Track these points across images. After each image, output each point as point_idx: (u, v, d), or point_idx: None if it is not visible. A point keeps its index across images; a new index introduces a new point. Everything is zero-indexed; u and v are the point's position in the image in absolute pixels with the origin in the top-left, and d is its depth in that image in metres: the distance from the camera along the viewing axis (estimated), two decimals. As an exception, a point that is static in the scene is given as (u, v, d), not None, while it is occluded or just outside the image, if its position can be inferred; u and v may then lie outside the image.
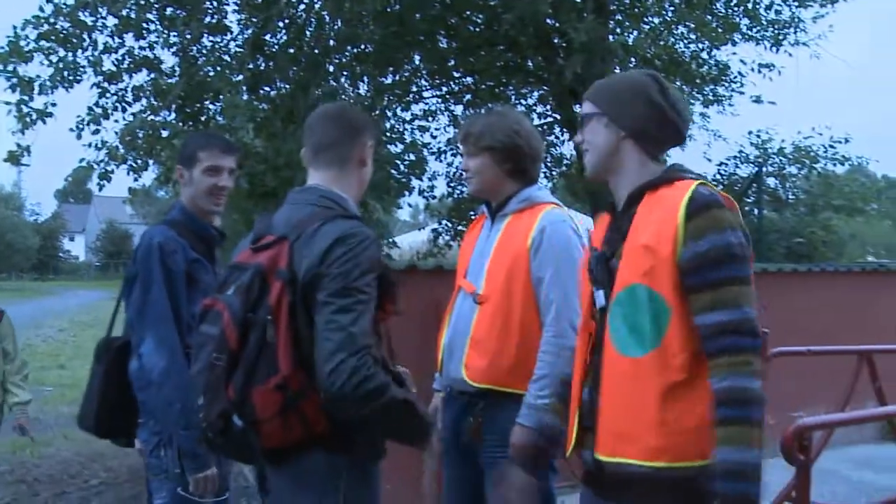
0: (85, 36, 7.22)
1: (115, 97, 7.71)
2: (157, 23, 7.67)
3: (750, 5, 9.52)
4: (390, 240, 10.08)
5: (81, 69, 7.31)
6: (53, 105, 7.16)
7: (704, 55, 9.94)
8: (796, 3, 9.68)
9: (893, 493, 4.32)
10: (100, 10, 7.08)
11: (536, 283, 2.69)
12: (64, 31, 7.02)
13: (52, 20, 6.92)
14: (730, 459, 1.74)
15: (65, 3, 6.84)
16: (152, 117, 7.25)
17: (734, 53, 10.32)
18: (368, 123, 2.30)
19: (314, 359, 1.87)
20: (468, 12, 9.34)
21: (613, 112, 2.04)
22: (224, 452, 2.20)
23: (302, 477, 2.01)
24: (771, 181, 9.88)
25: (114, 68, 7.67)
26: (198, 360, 1.96)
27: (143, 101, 7.69)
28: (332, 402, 1.87)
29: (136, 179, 7.62)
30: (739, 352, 1.78)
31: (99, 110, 7.46)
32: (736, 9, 9.56)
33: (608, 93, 2.08)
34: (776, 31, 9.85)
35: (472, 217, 11.61)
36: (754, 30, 9.88)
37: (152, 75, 7.78)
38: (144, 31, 7.64)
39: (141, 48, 7.80)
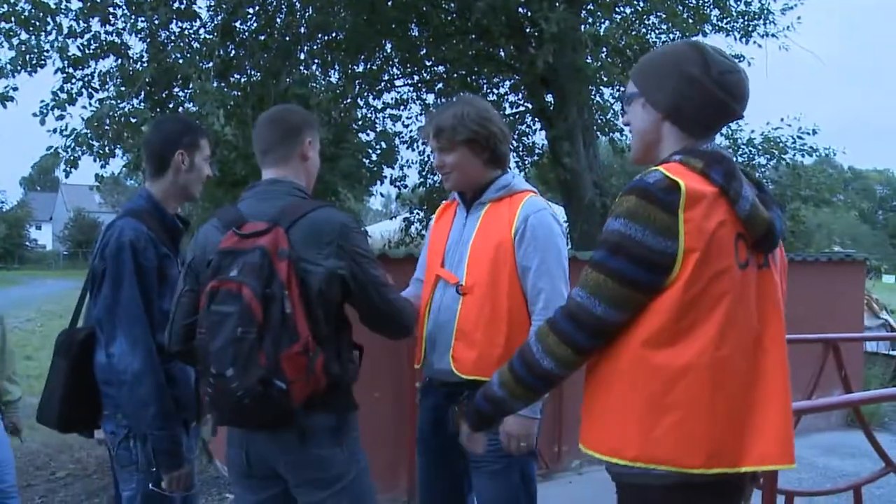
0: (49, 19, 7.08)
1: (80, 83, 7.59)
2: (124, 7, 7.53)
3: (720, -4, 9.60)
4: (362, 228, 10.03)
5: (45, 53, 7.18)
6: (15, 90, 7.03)
7: (675, 45, 9.97)
8: (766, -6, 9.77)
9: (857, 479, 4.39)
10: (64, -8, 6.96)
11: (523, 272, 2.66)
12: (25, 14, 6.88)
13: (12, 1, 6.78)
14: (491, 382, 1.98)
15: (27, -14, 6.72)
16: (121, 104, 7.13)
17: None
18: (306, 122, 2.50)
19: (320, 325, 2.21)
20: (440, 1, 9.30)
21: (648, 92, 1.85)
22: (243, 418, 2.30)
23: (310, 436, 2.27)
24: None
25: (79, 53, 7.53)
26: (218, 337, 2.12)
27: (111, 88, 7.57)
28: (410, 333, 2.58)
29: (103, 167, 7.51)
30: (548, 321, 1.82)
31: (64, 96, 7.33)
32: (706, -1, 9.64)
33: (646, 70, 1.88)
34: (746, 23, 9.94)
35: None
36: (724, 21, 9.96)
37: (119, 61, 7.65)
38: (111, 16, 7.50)
39: (107, 33, 7.68)
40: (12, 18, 6.87)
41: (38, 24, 7.04)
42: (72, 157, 7.11)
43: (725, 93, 1.79)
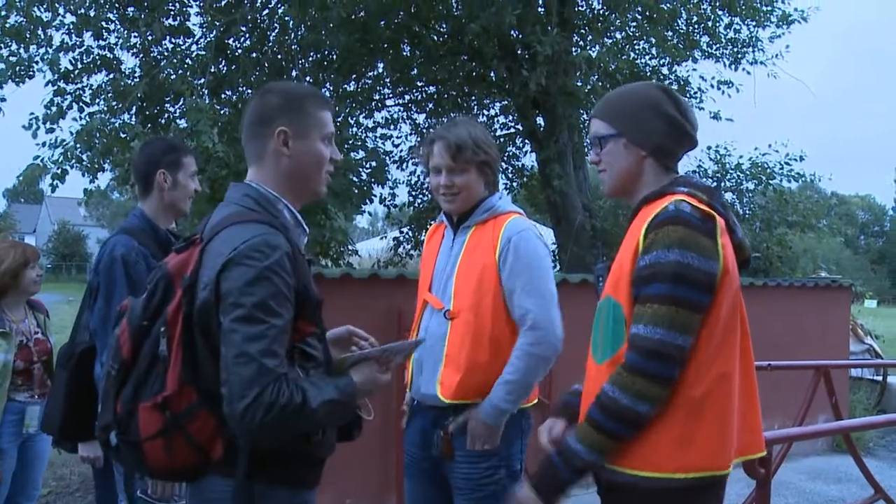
0: (40, 32, 7.07)
1: (71, 97, 7.56)
2: (118, 23, 7.53)
3: (710, 23, 9.73)
4: (351, 248, 10.02)
5: (35, 65, 7.16)
6: (3, 100, 7.00)
7: (665, 70, 10.10)
8: (754, 23, 9.89)
9: (844, 505, 4.41)
10: (57, 6, 6.93)
11: (508, 295, 2.64)
12: (15, 25, 6.87)
13: (2, 13, 6.77)
14: (571, 447, 1.89)
15: (19, -1, 6.70)
16: (111, 119, 7.11)
17: (694, 69, 10.54)
18: (282, 107, 1.93)
19: (210, 377, 1.71)
20: (433, 22, 9.36)
21: (633, 133, 2.00)
22: (121, 464, 2.07)
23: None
24: (728, 196, 10.05)
25: (70, 67, 7.52)
26: (105, 365, 1.85)
27: (102, 102, 7.55)
28: (252, 438, 1.70)
29: (91, 181, 7.47)
30: (627, 368, 1.82)
31: (55, 109, 7.30)
32: (696, 26, 9.76)
33: (624, 112, 2.02)
34: (735, 50, 10.07)
35: (431, 226, 11.60)
36: (714, 47, 10.09)
37: (111, 76, 7.64)
38: (104, 31, 7.50)
39: (100, 47, 7.67)
40: (2, 30, 6.86)
41: (28, 36, 7.03)
42: (59, 171, 7.06)
43: (692, 126, 2.04)
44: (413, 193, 11.43)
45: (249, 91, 7.95)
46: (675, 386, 1.82)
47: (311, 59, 8.92)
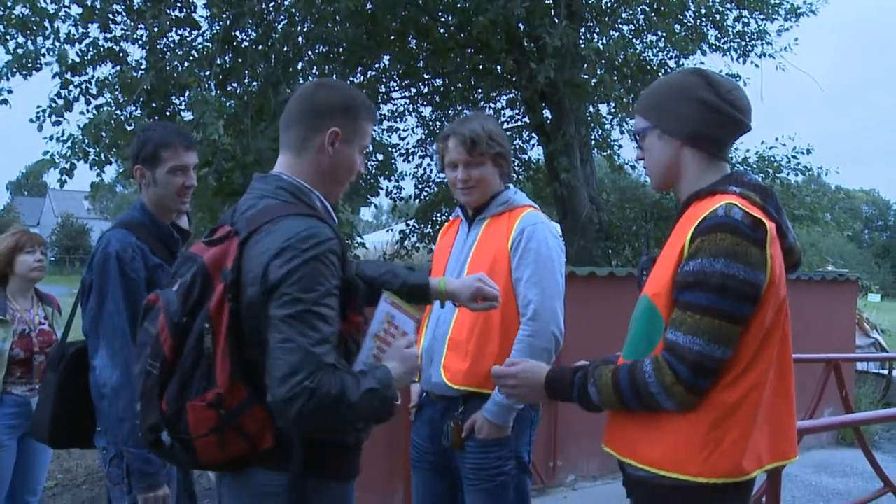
0: (46, 24, 7.05)
1: (78, 89, 7.55)
2: (124, 14, 7.52)
3: (718, 17, 9.67)
4: (358, 240, 10.02)
5: (42, 57, 7.15)
6: (10, 92, 6.99)
7: (672, 64, 10.07)
8: (762, 16, 9.84)
9: (855, 499, 4.40)
10: (62, -3, 6.94)
11: (516, 283, 2.67)
12: (21, 16, 6.85)
13: (9, 4, 6.75)
14: (588, 391, 1.93)
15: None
16: (118, 112, 7.10)
17: (702, 63, 10.47)
18: (340, 107, 1.94)
19: (261, 371, 1.70)
20: (440, 14, 9.33)
21: (665, 123, 1.94)
22: (169, 461, 2.07)
23: (256, 497, 1.83)
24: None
25: (77, 59, 7.51)
26: (139, 361, 1.81)
27: (108, 95, 7.54)
28: (294, 424, 1.71)
29: (98, 175, 7.45)
30: (671, 368, 1.78)
31: (61, 102, 7.29)
32: (704, 19, 9.70)
33: (655, 103, 1.97)
34: (743, 43, 10.02)
35: (437, 218, 11.53)
36: (722, 41, 10.04)
37: (118, 68, 7.63)
38: (111, 23, 7.48)
39: (106, 39, 7.65)
40: (8, 21, 6.84)
41: (35, 28, 7.01)
42: (67, 166, 7.06)
43: (735, 109, 1.91)
44: (419, 186, 11.43)
45: (255, 83, 7.94)
46: (710, 391, 1.79)
47: (317, 51, 8.90)
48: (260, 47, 8.23)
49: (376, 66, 10.02)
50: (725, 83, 1.93)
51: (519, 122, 11.06)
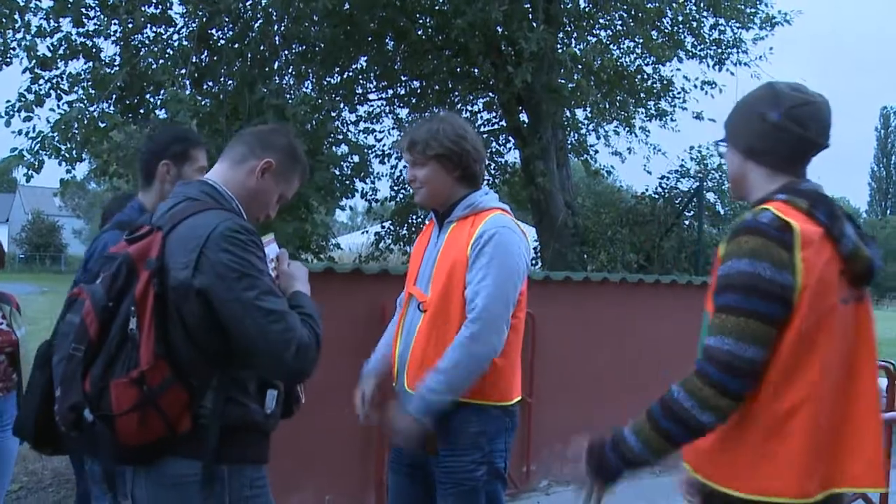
0: (17, 17, 6.93)
1: (49, 84, 7.42)
2: (98, 9, 7.41)
3: (694, 24, 9.77)
4: (333, 242, 9.96)
5: (12, 51, 7.02)
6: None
7: (649, 70, 10.13)
8: (738, 24, 9.95)
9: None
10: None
11: (467, 285, 2.63)
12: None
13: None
14: (625, 437, 1.85)
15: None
16: (90, 108, 6.98)
17: (678, 69, 10.57)
18: (283, 149, 2.17)
19: (180, 353, 1.86)
20: (418, 16, 9.32)
21: (731, 137, 2.01)
22: (78, 448, 2.14)
23: (172, 487, 1.93)
24: (710, 196, 10.10)
25: (48, 53, 7.38)
26: (59, 350, 1.93)
27: (80, 91, 7.42)
28: (305, 378, 2.00)
29: (68, 171, 7.33)
30: (698, 374, 1.77)
31: (31, 97, 7.16)
32: (681, 26, 9.79)
33: (730, 116, 2.03)
34: (719, 51, 10.13)
35: (412, 221, 11.53)
36: (698, 48, 10.14)
37: (90, 64, 7.51)
38: (84, 17, 7.37)
39: (79, 34, 7.53)
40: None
41: (4, 21, 6.89)
42: (35, 161, 6.93)
43: (798, 125, 1.87)
44: (395, 188, 11.40)
45: (231, 82, 7.86)
46: (757, 400, 1.77)
47: (294, 51, 8.84)
48: (236, 46, 8.15)
49: (353, 66, 9.99)
50: (793, 98, 1.89)
51: (496, 126, 11.08)
